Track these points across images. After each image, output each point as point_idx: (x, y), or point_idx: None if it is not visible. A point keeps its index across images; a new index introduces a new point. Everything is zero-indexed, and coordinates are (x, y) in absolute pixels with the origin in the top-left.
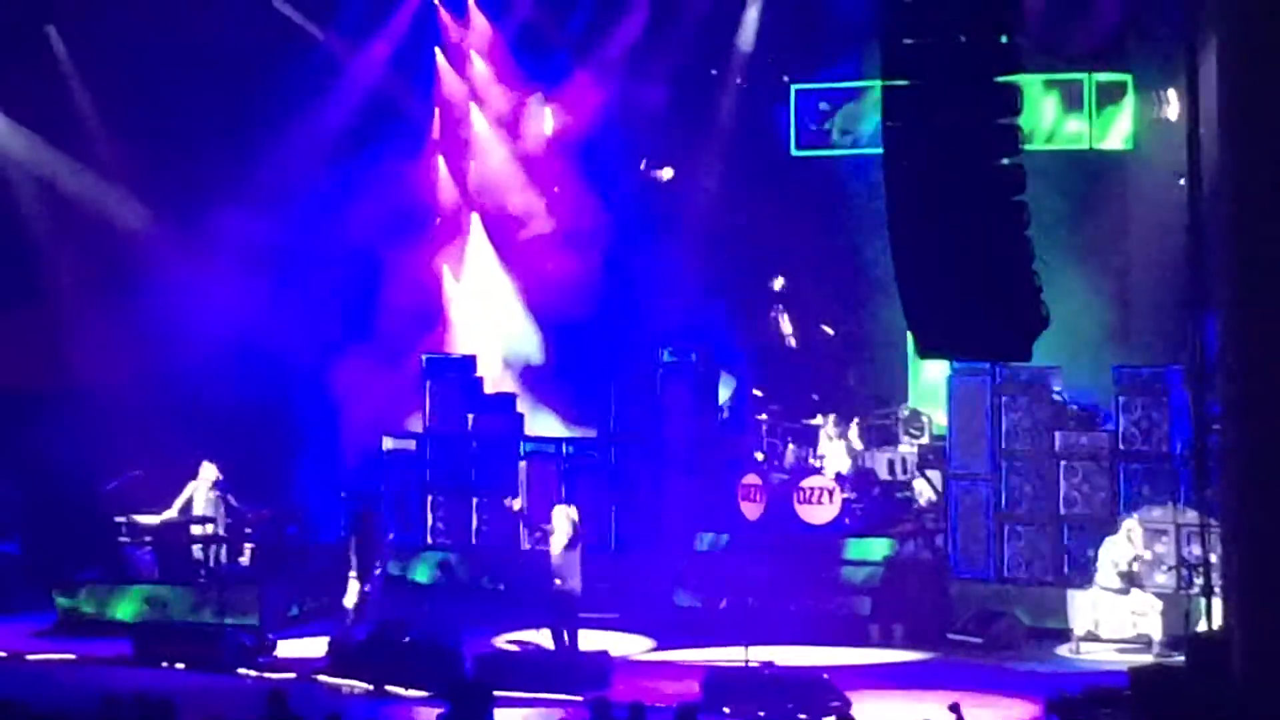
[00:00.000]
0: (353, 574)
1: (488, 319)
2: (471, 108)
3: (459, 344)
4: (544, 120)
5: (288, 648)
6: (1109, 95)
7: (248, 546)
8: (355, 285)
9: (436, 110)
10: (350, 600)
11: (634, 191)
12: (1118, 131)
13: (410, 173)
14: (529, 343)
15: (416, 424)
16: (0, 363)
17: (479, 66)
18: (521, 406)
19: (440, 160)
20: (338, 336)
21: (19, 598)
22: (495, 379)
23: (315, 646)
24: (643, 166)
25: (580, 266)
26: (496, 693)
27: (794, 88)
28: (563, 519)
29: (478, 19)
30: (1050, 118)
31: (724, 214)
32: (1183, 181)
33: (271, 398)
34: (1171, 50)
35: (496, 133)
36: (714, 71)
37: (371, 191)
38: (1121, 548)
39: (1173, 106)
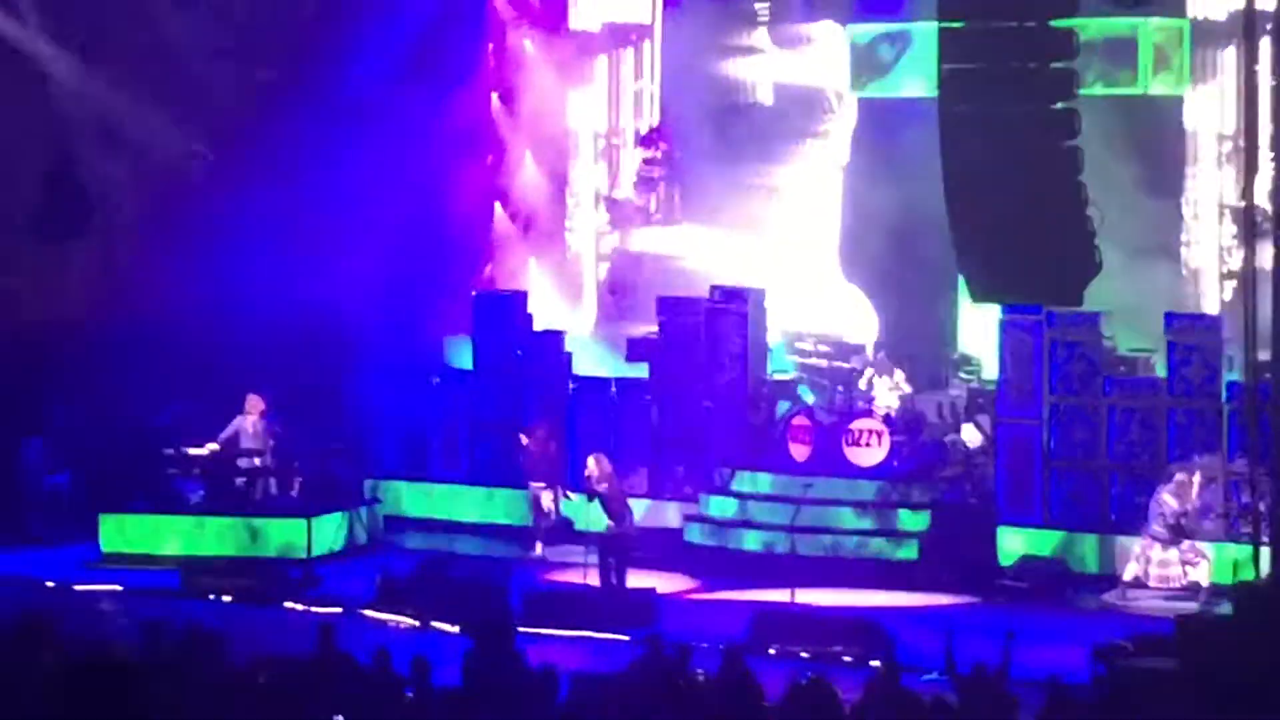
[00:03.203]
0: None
1: (540, 255)
2: (526, 44)
3: (511, 280)
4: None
5: (336, 582)
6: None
7: (296, 479)
8: (408, 219)
9: (490, 45)
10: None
11: (691, 130)
12: (1174, 76)
13: (463, 107)
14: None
15: (467, 359)
16: (55, 295)
17: (534, 2)
18: (571, 345)
19: (494, 95)
20: (389, 270)
21: (68, 528)
22: (545, 317)
23: (363, 581)
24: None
25: (631, 208)
26: (544, 631)
27: (850, 27)
28: (594, 467)
29: None
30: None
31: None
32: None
33: (322, 331)
34: None
35: (550, 67)
36: (761, 5)
37: (425, 125)
38: (1171, 497)
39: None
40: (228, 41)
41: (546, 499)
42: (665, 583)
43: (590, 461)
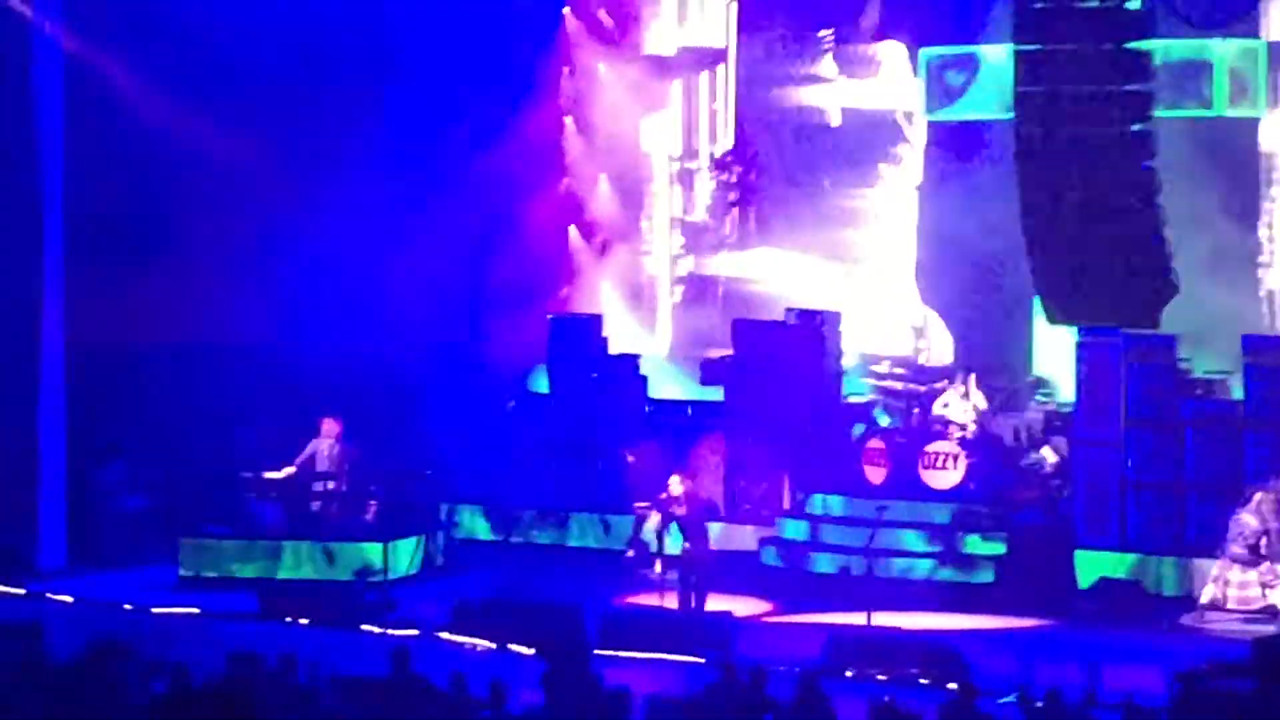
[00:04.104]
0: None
1: (615, 278)
2: (599, 66)
3: (587, 303)
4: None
5: (411, 605)
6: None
7: (371, 503)
8: (484, 243)
9: (565, 69)
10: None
11: (765, 153)
12: (1250, 98)
13: (538, 130)
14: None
15: (543, 383)
16: (132, 317)
17: (608, 25)
18: (646, 368)
19: (569, 120)
20: (466, 295)
21: (146, 552)
22: (621, 340)
23: (438, 604)
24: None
25: (706, 231)
26: (620, 653)
27: (922, 51)
28: (675, 488)
29: None
30: None
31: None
32: None
33: (399, 355)
34: None
35: (624, 90)
36: (828, 30)
37: (499, 150)
38: (1250, 518)
39: None
40: (300, 61)
41: (653, 520)
42: (740, 605)
43: (672, 482)
